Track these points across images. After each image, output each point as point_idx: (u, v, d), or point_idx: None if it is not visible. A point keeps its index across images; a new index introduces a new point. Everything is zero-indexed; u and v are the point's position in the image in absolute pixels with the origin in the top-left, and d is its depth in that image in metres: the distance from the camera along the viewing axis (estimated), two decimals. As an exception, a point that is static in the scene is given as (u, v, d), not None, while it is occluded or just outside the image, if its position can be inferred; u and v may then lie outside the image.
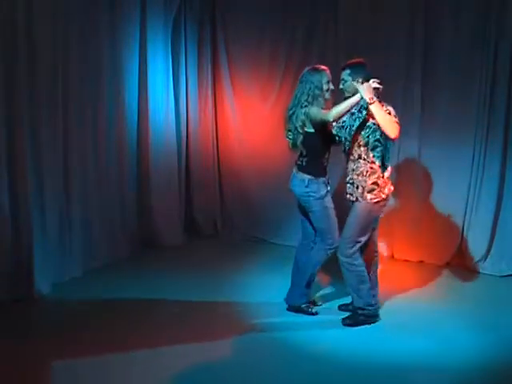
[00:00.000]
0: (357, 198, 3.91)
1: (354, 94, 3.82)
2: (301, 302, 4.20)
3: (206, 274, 4.98)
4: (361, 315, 4.01)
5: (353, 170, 3.94)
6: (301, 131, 3.95)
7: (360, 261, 3.96)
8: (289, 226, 5.99)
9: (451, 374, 3.37)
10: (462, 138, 5.29)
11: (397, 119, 3.83)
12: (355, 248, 3.91)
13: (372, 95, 3.71)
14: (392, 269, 5.35)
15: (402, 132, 5.36)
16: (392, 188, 4.02)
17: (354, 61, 3.97)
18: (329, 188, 4.09)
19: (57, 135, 4.53)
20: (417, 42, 5.34)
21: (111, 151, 5.21)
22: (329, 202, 4.06)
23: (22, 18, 4.10)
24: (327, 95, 4.00)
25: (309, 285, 4.20)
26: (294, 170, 4.12)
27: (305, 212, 4.16)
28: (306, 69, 4.06)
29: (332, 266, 4.19)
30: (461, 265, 5.40)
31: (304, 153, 4.03)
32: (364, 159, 3.89)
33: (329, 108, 3.92)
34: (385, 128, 3.72)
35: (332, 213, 4.07)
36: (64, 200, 4.68)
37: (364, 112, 3.83)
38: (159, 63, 5.67)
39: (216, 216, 6.40)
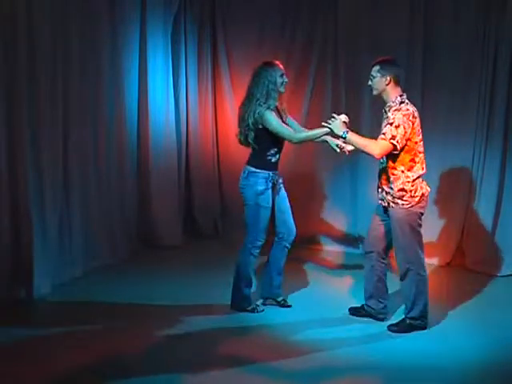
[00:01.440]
0: (388, 204, 3.83)
1: (381, 92, 3.78)
2: (244, 305, 4.17)
3: (206, 274, 4.98)
4: (410, 324, 3.90)
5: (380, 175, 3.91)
6: (253, 128, 3.96)
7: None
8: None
9: (451, 374, 3.37)
10: (462, 138, 5.30)
11: (393, 127, 3.64)
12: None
13: (343, 129, 3.70)
14: (392, 269, 5.34)
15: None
16: (428, 188, 3.84)
17: (383, 58, 3.86)
18: (270, 186, 4.04)
19: (57, 135, 4.53)
20: (417, 41, 5.35)
21: (111, 151, 5.21)
22: (264, 200, 4.02)
23: (22, 18, 4.10)
24: (282, 89, 4.04)
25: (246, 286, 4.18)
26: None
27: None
28: (259, 65, 4.07)
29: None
30: (461, 265, 5.41)
31: (253, 146, 4.04)
32: (388, 166, 3.80)
33: (282, 102, 4.07)
34: (365, 152, 3.70)
35: (264, 212, 4.03)
36: (64, 200, 4.68)
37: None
38: (159, 63, 5.67)
39: (216, 216, 6.40)
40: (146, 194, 5.69)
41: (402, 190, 3.74)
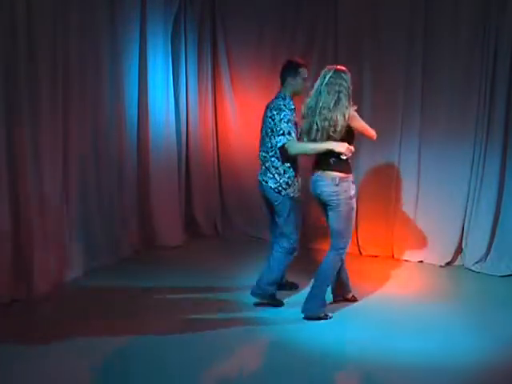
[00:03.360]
0: None
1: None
2: (321, 311, 4.12)
3: (205, 274, 4.98)
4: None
5: None
6: (340, 130, 3.93)
7: None
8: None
9: (451, 374, 3.37)
10: (462, 138, 5.30)
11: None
12: None
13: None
14: (392, 269, 5.35)
15: (402, 132, 5.48)
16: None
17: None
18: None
19: (57, 135, 4.53)
20: (417, 41, 5.34)
21: (111, 151, 5.21)
22: (355, 203, 4.10)
23: (22, 18, 4.10)
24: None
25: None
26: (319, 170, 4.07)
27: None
28: (333, 69, 4.04)
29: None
30: (461, 265, 5.41)
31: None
32: None
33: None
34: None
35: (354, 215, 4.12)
36: (64, 200, 4.69)
37: None
38: (159, 63, 5.67)
39: (216, 216, 6.41)
40: (146, 194, 5.69)
41: None
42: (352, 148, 3.98)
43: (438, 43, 5.27)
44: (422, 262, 5.53)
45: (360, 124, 4.04)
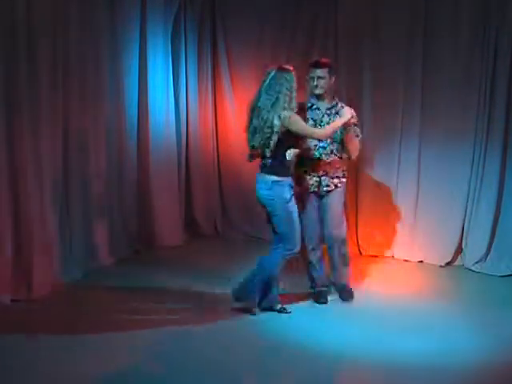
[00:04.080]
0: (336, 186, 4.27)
1: (327, 90, 4.24)
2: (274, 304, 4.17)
3: (206, 274, 4.98)
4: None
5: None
6: (278, 131, 3.89)
7: None
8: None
9: (451, 374, 3.37)
10: (462, 138, 5.30)
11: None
12: None
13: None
14: (392, 269, 5.35)
15: (402, 132, 5.48)
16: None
17: (325, 59, 4.34)
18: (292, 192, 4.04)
19: (57, 135, 4.53)
20: (417, 41, 5.34)
21: (111, 151, 5.21)
22: (293, 206, 4.01)
23: (22, 18, 4.09)
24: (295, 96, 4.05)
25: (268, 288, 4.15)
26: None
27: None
28: (275, 68, 4.01)
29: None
30: (461, 265, 5.40)
31: (272, 152, 3.97)
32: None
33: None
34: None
35: (296, 218, 4.03)
36: (64, 200, 4.68)
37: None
38: (159, 63, 5.67)
39: (216, 216, 6.40)
40: (146, 194, 5.68)
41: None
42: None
43: (438, 43, 5.27)
44: (421, 261, 5.53)
45: (299, 128, 3.94)
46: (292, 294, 4.45)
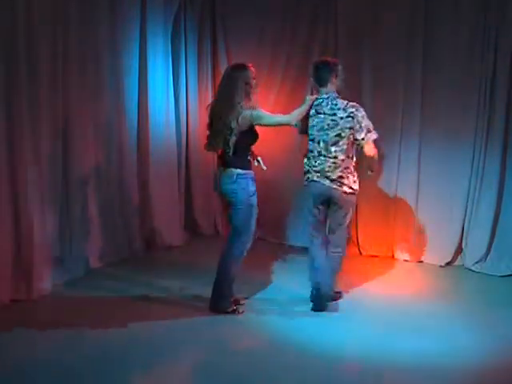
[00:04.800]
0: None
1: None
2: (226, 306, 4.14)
3: (206, 274, 4.96)
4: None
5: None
6: (236, 132, 3.90)
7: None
8: (288, 225, 6.00)
9: (451, 374, 3.37)
10: (462, 138, 5.30)
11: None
12: None
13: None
14: (392, 269, 5.35)
15: (402, 132, 5.48)
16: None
17: (330, 59, 4.29)
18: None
19: (56, 135, 4.52)
20: (417, 41, 5.34)
21: (111, 151, 5.20)
22: (255, 200, 4.05)
23: (22, 18, 4.09)
24: (256, 90, 4.04)
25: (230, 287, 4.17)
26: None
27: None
28: (230, 68, 4.07)
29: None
30: (461, 265, 5.41)
31: (233, 150, 3.97)
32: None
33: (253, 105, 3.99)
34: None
35: (255, 213, 4.06)
36: (64, 200, 4.68)
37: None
38: (159, 63, 5.66)
39: (216, 216, 6.40)
40: (146, 194, 5.68)
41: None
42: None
43: (438, 43, 5.27)
44: (422, 262, 5.53)
45: (266, 120, 3.97)
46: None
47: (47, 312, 4.15)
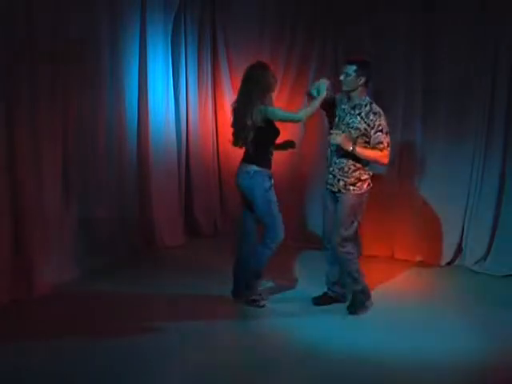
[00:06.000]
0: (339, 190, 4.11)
1: (352, 90, 4.01)
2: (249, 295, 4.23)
3: (206, 274, 4.98)
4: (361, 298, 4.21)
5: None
6: (252, 128, 4.00)
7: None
8: (288, 225, 5.97)
9: (451, 374, 3.37)
10: (462, 138, 5.30)
11: (385, 135, 4.00)
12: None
13: (350, 145, 3.93)
14: (392, 269, 5.35)
15: (402, 131, 5.48)
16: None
17: (361, 57, 4.17)
18: (272, 181, 4.16)
19: (57, 135, 4.53)
20: (417, 41, 5.35)
21: (111, 151, 5.20)
22: (273, 196, 4.14)
23: (22, 18, 4.10)
24: (274, 88, 4.18)
25: (256, 280, 4.23)
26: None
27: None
28: (251, 67, 4.13)
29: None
30: (461, 265, 5.41)
31: (254, 146, 4.08)
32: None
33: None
34: (375, 162, 4.10)
35: (276, 207, 4.14)
36: (64, 200, 4.68)
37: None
38: (159, 63, 5.66)
39: (216, 216, 6.40)
40: (146, 194, 5.68)
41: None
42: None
43: (438, 43, 5.27)
44: (422, 261, 5.53)
45: (280, 116, 4.09)
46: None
47: (47, 312, 4.15)
